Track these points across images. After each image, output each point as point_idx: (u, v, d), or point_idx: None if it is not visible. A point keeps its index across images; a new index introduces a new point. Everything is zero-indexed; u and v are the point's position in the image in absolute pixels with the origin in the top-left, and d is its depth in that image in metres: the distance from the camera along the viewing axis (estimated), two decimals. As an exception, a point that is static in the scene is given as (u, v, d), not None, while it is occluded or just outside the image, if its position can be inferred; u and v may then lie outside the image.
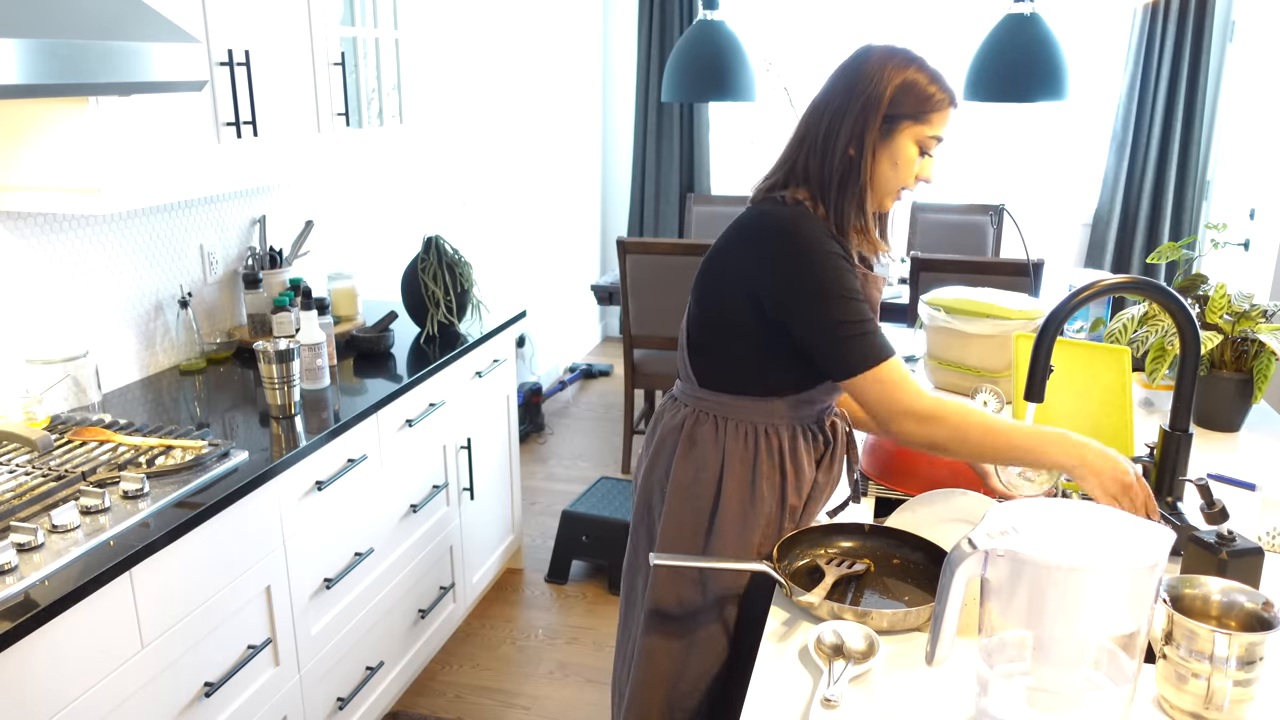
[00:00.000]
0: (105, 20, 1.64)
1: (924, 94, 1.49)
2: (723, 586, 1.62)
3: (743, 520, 1.57)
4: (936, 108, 1.50)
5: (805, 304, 1.44)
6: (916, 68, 1.50)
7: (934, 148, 1.54)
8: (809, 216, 1.49)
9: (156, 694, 1.69)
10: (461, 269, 2.89)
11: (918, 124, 1.50)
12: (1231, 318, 2.04)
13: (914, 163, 1.53)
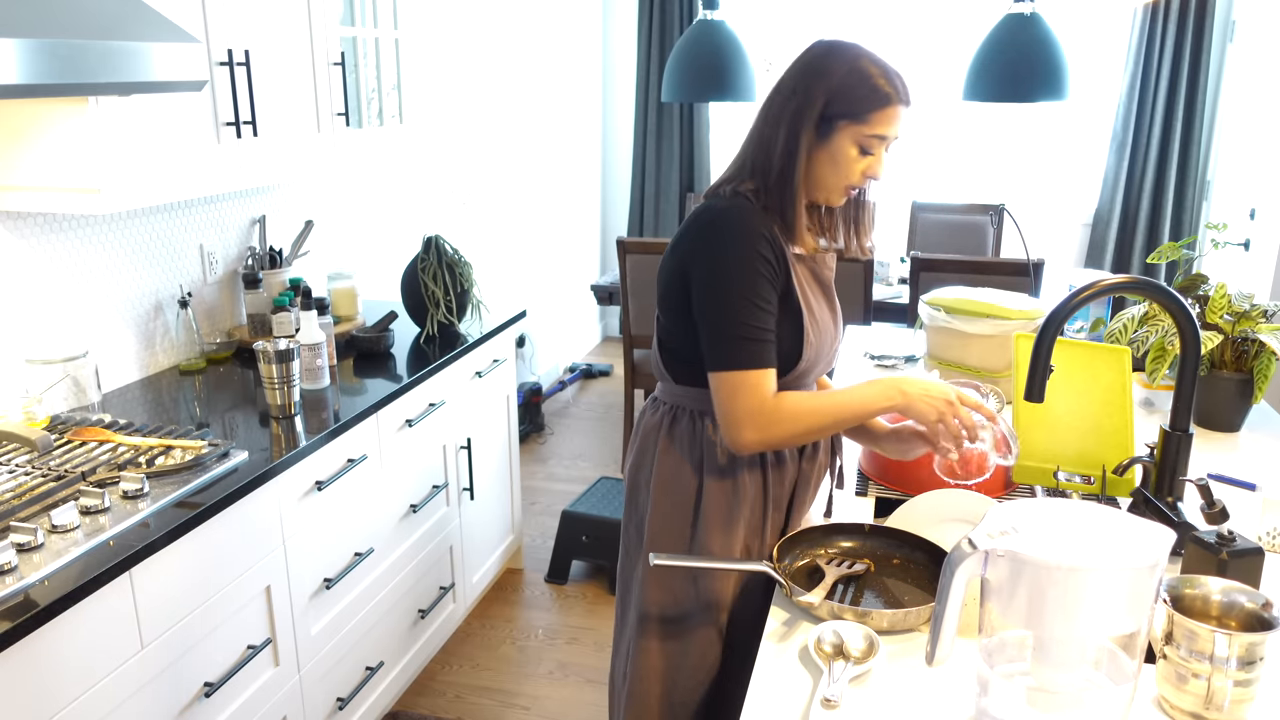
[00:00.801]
0: (105, 20, 1.64)
1: (862, 93, 1.45)
2: (715, 585, 1.62)
3: (727, 512, 1.58)
4: (876, 106, 1.45)
5: (707, 294, 1.47)
6: (859, 65, 1.46)
7: (879, 147, 1.49)
8: (745, 211, 1.48)
9: (156, 694, 1.69)
10: (461, 269, 2.89)
11: (856, 123, 1.46)
12: (1232, 318, 2.04)
13: (855, 162, 1.48)
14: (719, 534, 1.59)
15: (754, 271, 1.45)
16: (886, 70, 1.46)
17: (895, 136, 1.50)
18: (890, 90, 1.45)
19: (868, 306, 3.77)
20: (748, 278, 1.45)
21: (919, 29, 4.89)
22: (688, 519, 1.60)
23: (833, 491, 1.74)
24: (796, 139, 1.47)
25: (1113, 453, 1.71)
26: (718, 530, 1.58)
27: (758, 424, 1.45)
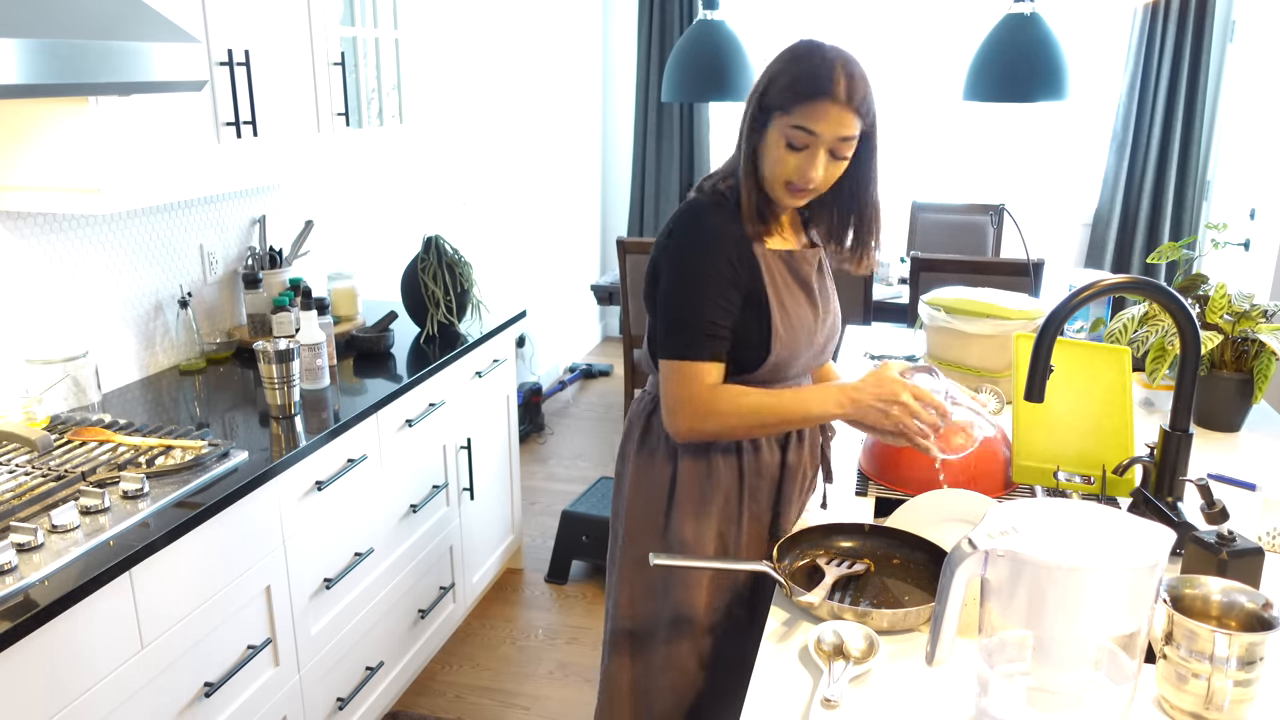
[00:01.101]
0: (105, 20, 1.64)
1: (792, 82, 1.42)
2: (687, 596, 1.61)
3: (699, 497, 1.59)
4: (802, 98, 1.41)
5: (665, 286, 1.50)
6: (804, 55, 1.43)
7: (808, 144, 1.43)
8: (712, 209, 1.51)
9: (156, 694, 1.69)
10: (461, 269, 2.89)
11: (783, 114, 1.43)
12: (1232, 318, 2.04)
13: (784, 157, 1.45)
14: (691, 520, 1.59)
15: (711, 268, 1.47)
16: (829, 65, 1.41)
17: (831, 137, 1.43)
18: (820, 84, 1.40)
19: (868, 306, 3.77)
20: (703, 273, 1.47)
21: (919, 29, 4.89)
22: (662, 505, 1.62)
23: (825, 485, 1.74)
24: (747, 130, 1.48)
25: (1113, 453, 1.71)
26: (690, 516, 1.59)
27: (693, 412, 1.48)
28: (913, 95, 4.97)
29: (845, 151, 1.46)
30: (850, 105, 1.42)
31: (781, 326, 1.52)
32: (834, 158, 1.47)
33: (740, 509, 1.62)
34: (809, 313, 1.57)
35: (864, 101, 1.43)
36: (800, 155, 1.45)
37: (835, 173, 1.49)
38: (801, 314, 1.56)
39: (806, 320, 1.57)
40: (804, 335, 1.56)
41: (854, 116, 1.43)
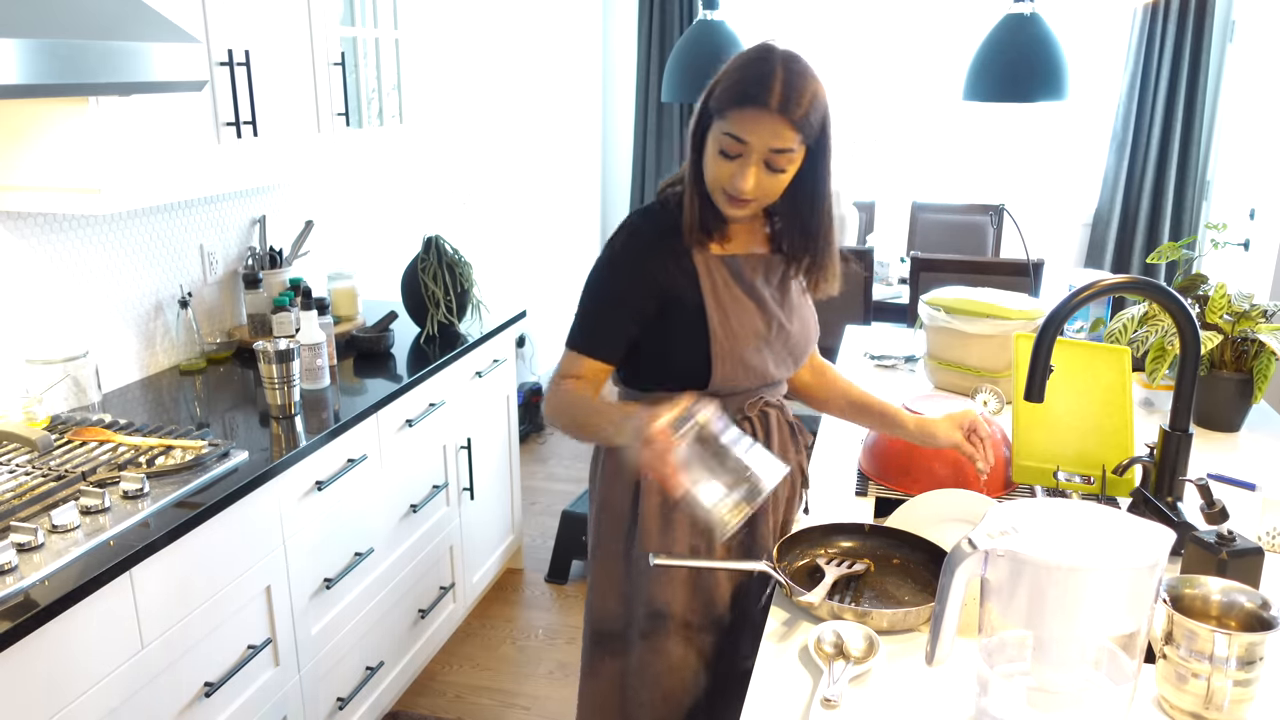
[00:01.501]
0: (105, 20, 1.64)
1: (728, 86, 1.38)
2: (656, 606, 1.57)
3: (664, 513, 1.55)
4: (734, 103, 1.36)
5: (585, 281, 1.53)
6: (747, 60, 1.39)
7: (739, 152, 1.37)
8: (659, 214, 1.51)
9: (156, 694, 1.69)
10: (461, 269, 2.89)
11: (720, 120, 1.39)
12: (1231, 318, 2.04)
13: (718, 164, 1.40)
14: (656, 534, 1.56)
15: (622, 273, 1.48)
16: (768, 72, 1.35)
17: (763, 148, 1.36)
18: (754, 91, 1.34)
19: (868, 306, 3.77)
20: (614, 279, 1.49)
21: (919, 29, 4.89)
22: (627, 518, 1.59)
23: (805, 493, 1.72)
24: (692, 133, 1.45)
25: (1113, 453, 1.72)
26: (655, 529, 1.56)
27: (549, 395, 1.52)
28: (913, 95, 4.97)
29: (781, 164, 1.39)
30: (785, 116, 1.34)
31: (721, 332, 1.47)
32: (770, 170, 1.39)
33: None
34: (756, 319, 1.51)
35: (803, 115, 1.35)
36: (733, 164, 1.39)
37: (774, 185, 1.42)
38: (746, 320, 1.50)
39: (752, 327, 1.50)
40: (750, 342, 1.50)
41: (789, 129, 1.35)
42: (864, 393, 1.76)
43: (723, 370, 1.49)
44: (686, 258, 1.48)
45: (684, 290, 1.47)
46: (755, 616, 1.62)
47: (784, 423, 1.64)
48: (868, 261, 3.71)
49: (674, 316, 1.48)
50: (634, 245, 1.49)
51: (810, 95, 1.36)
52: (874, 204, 4.85)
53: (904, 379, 2.47)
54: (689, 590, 1.59)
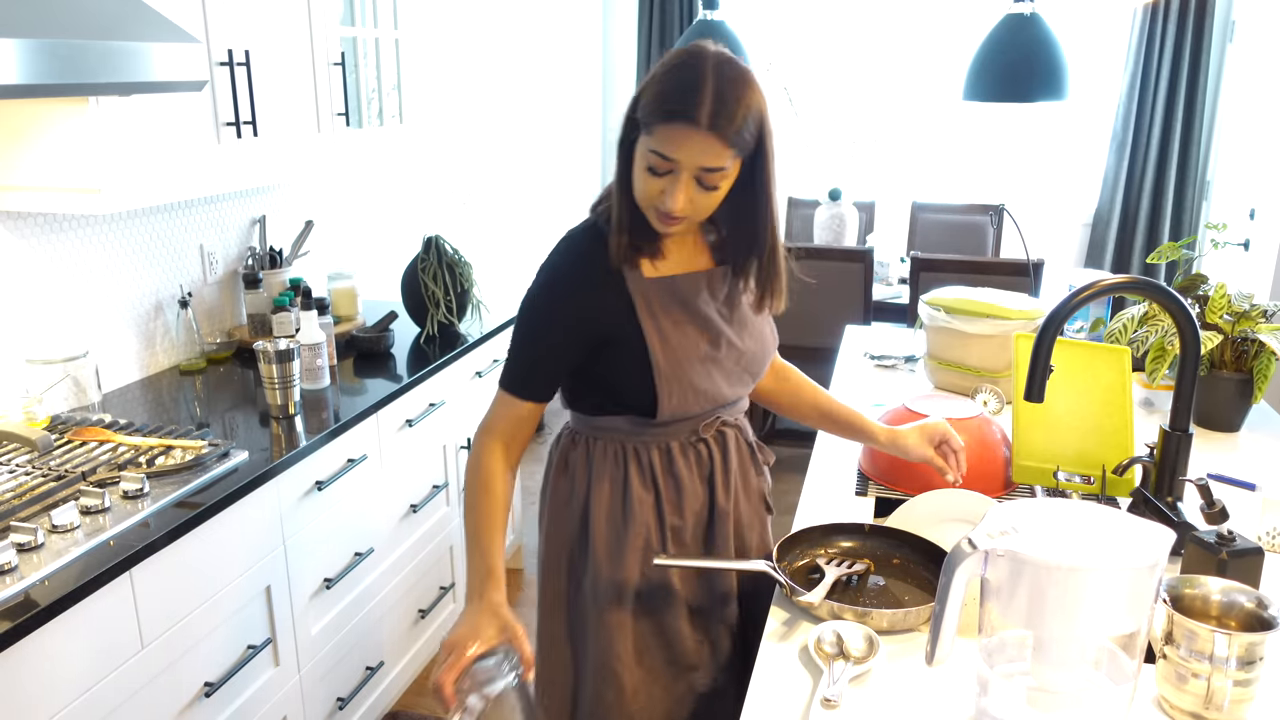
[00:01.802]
0: (105, 20, 1.64)
1: (654, 99, 1.27)
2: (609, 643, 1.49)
3: (614, 541, 1.47)
4: (659, 118, 1.25)
5: (517, 311, 1.45)
6: (673, 69, 1.28)
7: (668, 170, 1.27)
8: (588, 234, 1.42)
9: (156, 694, 1.69)
10: (461, 269, 2.89)
11: (646, 135, 1.28)
12: (1231, 318, 2.04)
13: (647, 181, 1.30)
14: (606, 565, 1.48)
15: (553, 308, 1.40)
16: (696, 84, 1.24)
17: (693, 166, 1.26)
18: (681, 105, 1.24)
19: (868, 306, 3.77)
20: (543, 311, 1.40)
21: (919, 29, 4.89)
22: (574, 544, 1.52)
23: (770, 518, 1.66)
24: (621, 144, 1.35)
25: (1113, 453, 1.72)
26: (605, 560, 1.47)
27: (475, 437, 1.44)
28: (913, 95, 4.97)
29: (714, 181, 1.28)
30: (716, 133, 1.24)
31: (664, 361, 1.38)
32: (703, 187, 1.29)
33: (664, 551, 1.48)
34: (701, 342, 1.42)
35: (736, 130, 1.25)
36: (662, 181, 1.28)
37: (708, 201, 1.32)
38: (690, 345, 1.40)
39: (698, 351, 1.41)
40: (695, 365, 1.41)
41: (721, 145, 1.25)
42: (833, 401, 1.69)
43: (670, 402, 1.40)
44: (621, 284, 1.38)
45: (620, 320, 1.38)
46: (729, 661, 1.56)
47: (743, 443, 1.56)
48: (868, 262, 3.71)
49: (613, 348, 1.39)
50: (564, 275, 1.40)
51: (744, 107, 1.25)
52: (874, 204, 4.85)
53: (904, 379, 2.47)
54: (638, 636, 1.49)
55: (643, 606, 1.49)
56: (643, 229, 1.37)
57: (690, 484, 1.49)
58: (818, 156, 5.17)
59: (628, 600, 1.48)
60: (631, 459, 1.47)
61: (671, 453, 1.47)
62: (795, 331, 3.90)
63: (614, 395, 1.44)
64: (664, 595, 1.50)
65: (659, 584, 1.49)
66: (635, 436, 1.46)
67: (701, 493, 1.50)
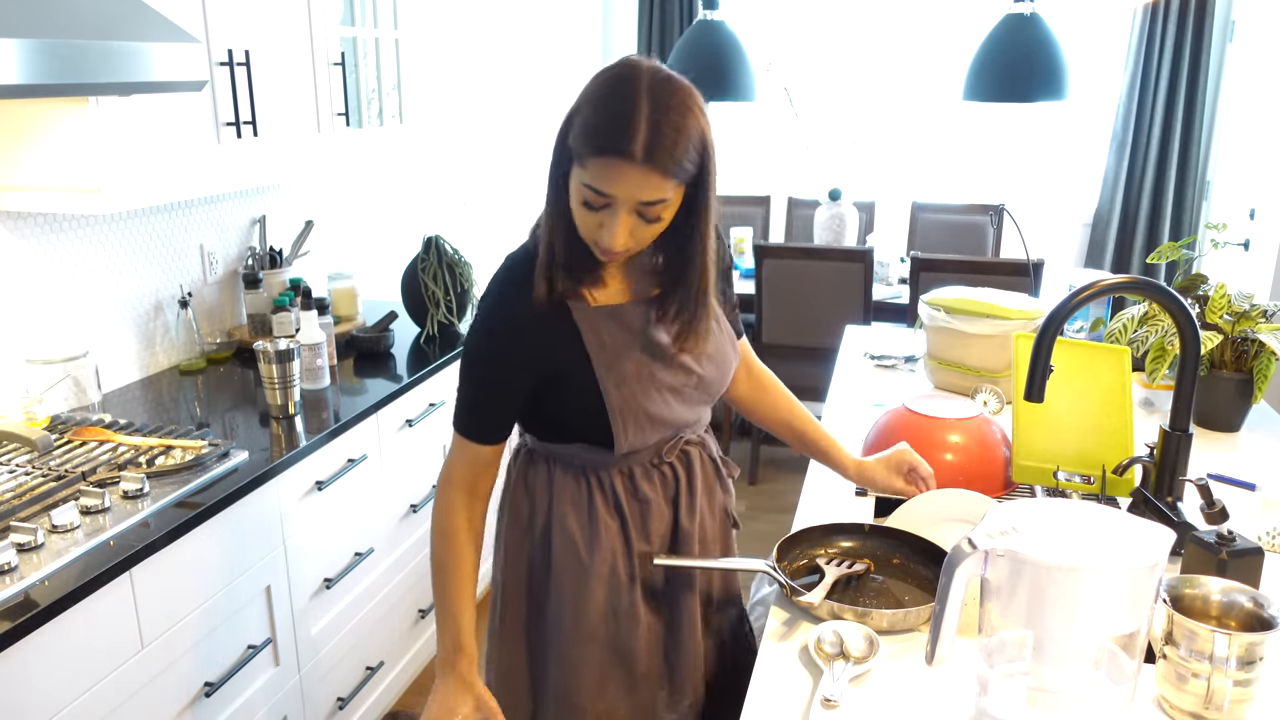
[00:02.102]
0: (105, 20, 1.64)
1: (586, 129, 1.19)
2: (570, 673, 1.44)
3: (579, 570, 1.41)
4: (594, 153, 1.17)
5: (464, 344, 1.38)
6: (604, 93, 1.20)
7: (603, 205, 1.19)
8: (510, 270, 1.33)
9: (156, 694, 1.69)
10: (461, 269, 2.89)
11: (580, 168, 1.20)
12: (1231, 318, 2.04)
13: (583, 215, 1.22)
14: (571, 594, 1.42)
15: (484, 346, 1.33)
16: (628, 113, 1.16)
17: (630, 201, 1.18)
18: (614, 139, 1.15)
19: (868, 306, 3.77)
20: (486, 351, 1.33)
21: (919, 29, 4.89)
22: (535, 569, 1.46)
23: (735, 533, 1.62)
24: (553, 169, 1.26)
25: (1113, 453, 1.72)
26: (570, 590, 1.42)
27: (439, 486, 1.39)
28: (913, 95, 4.97)
29: (655, 214, 1.21)
30: (652, 165, 1.15)
31: (617, 396, 1.31)
32: (644, 219, 1.21)
33: (632, 577, 1.43)
34: (658, 372, 1.35)
35: (675, 161, 1.17)
36: (599, 214, 1.21)
37: (650, 233, 1.24)
38: (644, 374, 1.33)
39: (652, 379, 1.34)
40: (652, 395, 1.35)
41: (660, 178, 1.17)
42: (809, 421, 1.64)
43: (627, 437, 1.34)
44: (566, 314, 1.30)
45: (568, 354, 1.31)
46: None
47: (706, 460, 1.50)
48: (868, 262, 3.71)
49: (564, 385, 1.33)
50: (506, 309, 1.31)
51: (682, 135, 1.17)
52: (874, 204, 4.85)
53: (904, 379, 2.47)
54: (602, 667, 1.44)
55: (607, 635, 1.43)
56: (582, 259, 1.28)
57: (657, 507, 1.43)
58: (818, 156, 5.17)
59: (592, 630, 1.42)
60: (594, 483, 1.40)
61: (635, 477, 1.41)
62: (795, 331, 3.91)
63: (568, 429, 1.39)
64: (629, 623, 1.44)
65: (625, 611, 1.43)
66: (596, 462, 1.40)
67: (667, 514, 1.45)
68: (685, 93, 1.21)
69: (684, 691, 1.49)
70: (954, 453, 1.72)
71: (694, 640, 1.49)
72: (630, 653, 1.45)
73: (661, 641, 1.48)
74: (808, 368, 3.84)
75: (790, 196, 4.96)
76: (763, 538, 3.52)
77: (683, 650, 1.48)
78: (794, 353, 3.91)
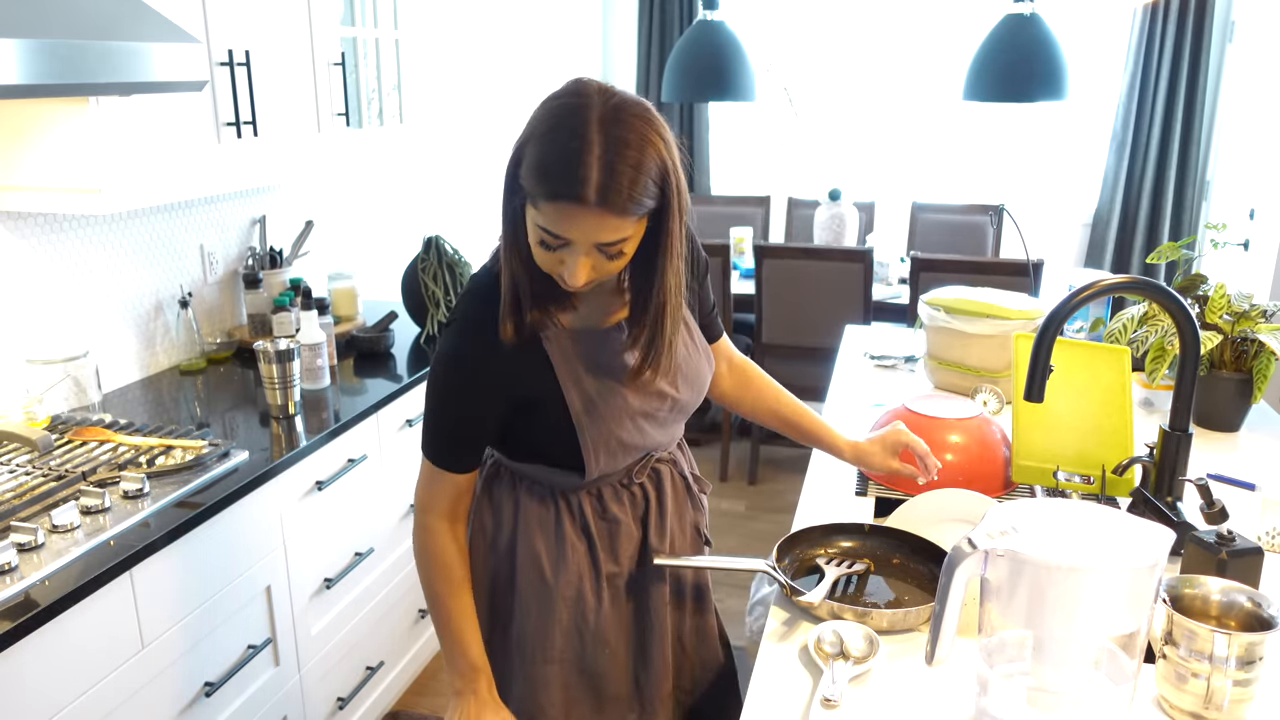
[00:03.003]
0: (105, 20, 1.64)
1: (536, 168, 1.11)
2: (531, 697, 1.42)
3: (544, 591, 1.38)
4: (542, 196, 1.11)
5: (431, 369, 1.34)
6: (552, 127, 1.11)
7: (559, 246, 1.14)
8: (492, 285, 1.26)
9: (156, 694, 1.69)
10: (461, 269, 2.89)
11: (533, 207, 1.14)
12: (1231, 318, 2.04)
13: (541, 252, 1.16)
14: (535, 615, 1.40)
15: (452, 371, 1.28)
16: (578, 153, 1.08)
17: (589, 242, 1.13)
18: (565, 184, 1.08)
19: (868, 306, 3.77)
20: (447, 376, 1.29)
21: (919, 29, 4.89)
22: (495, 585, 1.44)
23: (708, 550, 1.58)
24: (506, 197, 1.19)
25: (1112, 453, 1.72)
26: (534, 611, 1.40)
27: (418, 510, 1.37)
28: (913, 95, 4.97)
29: (617, 250, 1.15)
30: (608, 209, 1.09)
31: (588, 422, 1.29)
32: (606, 256, 1.15)
33: (599, 600, 1.41)
34: (630, 399, 1.32)
35: (633, 199, 1.10)
36: (558, 254, 1.15)
37: (613, 267, 1.18)
38: (616, 401, 1.31)
39: (625, 407, 1.32)
40: (625, 422, 1.33)
41: (616, 218, 1.11)
42: (798, 407, 1.61)
43: (598, 464, 1.32)
44: (537, 344, 1.27)
45: (539, 384, 1.28)
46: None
47: (677, 478, 1.47)
48: (868, 262, 3.71)
49: (534, 411, 1.30)
50: (473, 335, 1.27)
51: (640, 173, 1.10)
52: (874, 204, 4.85)
53: (904, 379, 2.47)
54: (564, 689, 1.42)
55: (573, 656, 1.42)
56: (547, 289, 1.23)
57: (625, 527, 1.41)
58: (818, 156, 5.17)
59: (556, 652, 1.40)
60: (562, 504, 1.38)
61: (604, 498, 1.39)
62: (795, 331, 3.91)
63: (537, 451, 1.36)
64: (596, 644, 1.41)
65: (591, 633, 1.41)
66: (564, 484, 1.38)
67: (636, 534, 1.42)
68: (641, 121, 1.11)
69: (654, 711, 1.46)
70: (954, 453, 1.72)
71: (664, 659, 1.46)
72: (598, 675, 1.43)
73: (631, 663, 1.46)
74: (808, 368, 3.84)
75: (790, 196, 4.96)
76: (763, 538, 3.52)
77: (653, 670, 1.46)
78: (794, 353, 3.92)
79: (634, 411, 1.33)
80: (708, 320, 1.50)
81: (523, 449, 1.38)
